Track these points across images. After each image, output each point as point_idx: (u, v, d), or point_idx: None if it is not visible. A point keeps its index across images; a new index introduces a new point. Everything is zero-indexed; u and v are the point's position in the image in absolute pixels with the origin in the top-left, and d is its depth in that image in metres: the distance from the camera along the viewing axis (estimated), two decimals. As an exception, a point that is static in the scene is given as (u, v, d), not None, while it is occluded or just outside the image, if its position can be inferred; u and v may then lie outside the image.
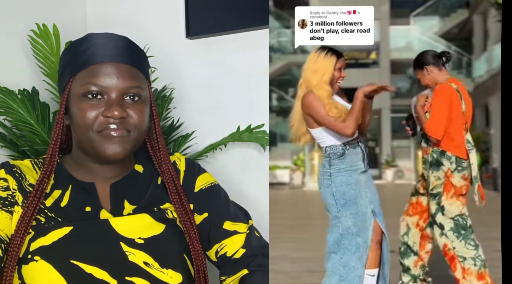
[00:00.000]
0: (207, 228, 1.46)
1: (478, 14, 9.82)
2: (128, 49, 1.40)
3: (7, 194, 1.34)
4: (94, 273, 1.27)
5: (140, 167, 1.50)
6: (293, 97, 6.42)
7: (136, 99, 1.37)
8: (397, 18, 10.87)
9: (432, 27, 10.98)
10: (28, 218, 1.31)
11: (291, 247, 2.96)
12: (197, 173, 1.53)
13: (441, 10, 10.88)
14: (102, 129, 1.33)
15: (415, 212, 2.03)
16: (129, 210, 1.40)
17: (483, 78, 9.19)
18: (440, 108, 1.91)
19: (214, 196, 1.51)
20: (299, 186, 9.58)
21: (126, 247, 1.31)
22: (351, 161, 1.77)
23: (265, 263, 1.43)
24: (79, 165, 1.44)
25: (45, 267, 1.27)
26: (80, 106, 1.34)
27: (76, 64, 1.37)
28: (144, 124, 1.39)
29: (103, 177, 1.43)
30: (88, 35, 1.41)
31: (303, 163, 9.78)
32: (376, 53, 9.89)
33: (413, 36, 11.06)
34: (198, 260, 1.41)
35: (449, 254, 1.92)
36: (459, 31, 10.74)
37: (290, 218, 4.36)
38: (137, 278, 1.29)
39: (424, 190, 2.02)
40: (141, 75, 1.40)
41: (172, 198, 1.43)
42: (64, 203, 1.37)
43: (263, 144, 2.01)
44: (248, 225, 1.49)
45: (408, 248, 2.03)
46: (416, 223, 2.03)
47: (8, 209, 1.32)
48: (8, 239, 1.30)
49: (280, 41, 9.57)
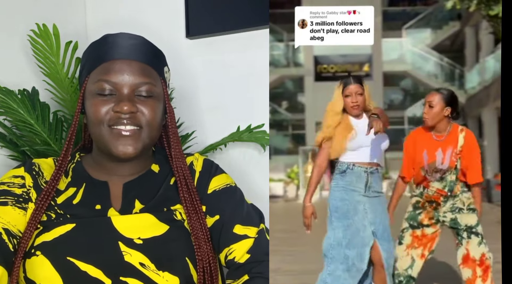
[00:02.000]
0: (218, 231, 1.45)
1: (470, 26, 9.89)
2: (141, 47, 1.43)
3: (22, 191, 1.38)
4: (89, 271, 1.27)
5: (156, 167, 1.51)
6: (287, 110, 6.49)
7: (148, 95, 1.39)
8: (389, 30, 10.94)
9: (424, 39, 11.05)
10: (38, 213, 1.33)
11: (285, 260, 2.96)
12: (213, 174, 1.53)
13: (433, 22, 10.94)
14: (113, 124, 1.35)
15: (420, 243, 2.02)
16: (138, 209, 1.40)
17: (476, 90, 9.25)
18: (479, 153, 1.98)
19: (228, 197, 1.50)
20: (293, 199, 9.56)
21: (123, 246, 1.31)
22: (351, 180, 1.88)
23: (266, 270, 1.42)
24: (97, 164, 1.47)
25: (44, 263, 1.28)
26: (93, 103, 1.37)
27: (91, 63, 1.41)
28: (156, 121, 1.41)
29: (118, 175, 1.45)
30: (105, 36, 1.45)
31: (297, 176, 9.79)
32: (369, 65, 9.93)
33: (405, 49, 11.12)
34: (203, 262, 1.39)
35: (485, 264, 1.93)
36: (451, 43, 10.81)
37: (284, 230, 4.34)
38: (131, 279, 1.29)
39: (429, 220, 2.00)
40: (154, 73, 1.43)
41: (182, 197, 1.43)
42: (76, 200, 1.39)
43: (263, 144, 2.02)
44: (259, 228, 1.47)
45: (412, 280, 2.03)
46: (421, 254, 2.02)
47: (22, 205, 1.36)
48: (20, 234, 1.33)
49: (273, 54, 9.62)
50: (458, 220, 1.95)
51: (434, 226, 1.99)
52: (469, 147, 1.95)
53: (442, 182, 1.96)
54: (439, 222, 1.98)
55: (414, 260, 2.00)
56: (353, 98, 1.89)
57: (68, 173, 1.46)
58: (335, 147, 1.90)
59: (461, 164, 1.95)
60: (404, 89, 11.18)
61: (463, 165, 1.95)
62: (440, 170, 1.96)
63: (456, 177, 1.96)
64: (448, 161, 1.94)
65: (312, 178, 1.91)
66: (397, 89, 11.06)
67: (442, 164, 1.95)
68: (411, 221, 2.01)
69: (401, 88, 11.21)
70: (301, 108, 10.67)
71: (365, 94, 1.91)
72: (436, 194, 1.97)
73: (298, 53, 10.69)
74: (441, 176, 1.96)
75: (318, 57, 10.66)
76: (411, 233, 2.02)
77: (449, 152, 1.95)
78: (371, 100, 1.96)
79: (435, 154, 1.96)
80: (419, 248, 2.00)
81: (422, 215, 2.00)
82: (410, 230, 2.02)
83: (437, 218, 1.98)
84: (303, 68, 10.56)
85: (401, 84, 11.14)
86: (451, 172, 1.95)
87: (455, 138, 1.95)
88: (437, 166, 1.96)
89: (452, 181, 1.95)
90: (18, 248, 1.31)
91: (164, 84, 1.47)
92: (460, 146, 1.94)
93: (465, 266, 1.95)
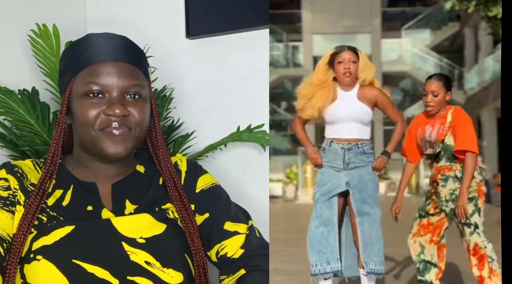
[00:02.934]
0: (208, 229, 1.48)
1: (469, 27, 9.93)
2: (127, 48, 1.43)
3: (8, 193, 1.36)
4: (96, 273, 1.28)
5: (141, 167, 1.52)
6: (286, 111, 6.50)
7: (136, 97, 1.40)
8: (389, 31, 11.01)
9: (424, 40, 11.12)
10: (31, 216, 1.32)
11: (284, 260, 2.95)
12: (199, 174, 1.55)
13: (432, 23, 11.01)
14: (104, 128, 1.35)
15: (427, 231, 2.06)
16: (131, 210, 1.41)
17: (475, 90, 9.29)
18: (470, 125, 2.00)
19: (215, 196, 1.53)
20: (292, 199, 9.59)
21: (127, 246, 1.32)
22: (329, 158, 1.98)
23: (263, 263, 1.44)
24: (80, 165, 1.46)
25: (47, 267, 1.28)
26: (82, 105, 1.36)
27: (76, 64, 1.40)
28: (145, 122, 1.42)
29: (105, 176, 1.45)
30: (87, 35, 1.44)
31: (296, 176, 9.81)
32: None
33: (404, 49, 11.20)
34: (198, 256, 1.42)
35: (479, 253, 1.95)
36: (450, 44, 10.86)
37: (283, 231, 4.36)
38: (139, 278, 1.30)
39: (435, 210, 2.05)
40: (141, 74, 1.43)
41: (172, 195, 1.45)
42: (65, 202, 1.39)
43: (263, 144, 2.02)
44: (248, 225, 1.50)
45: (427, 263, 2.06)
46: (430, 240, 2.06)
47: (10, 208, 1.34)
48: (10, 238, 1.32)
49: (272, 55, 9.63)
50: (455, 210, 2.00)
51: (439, 214, 2.04)
52: (457, 120, 1.99)
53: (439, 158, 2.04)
54: (443, 211, 2.03)
55: (424, 246, 2.06)
56: (346, 64, 1.92)
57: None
58: (307, 105, 1.97)
59: (453, 139, 2.00)
60: (404, 90, 11.23)
61: (454, 137, 2.00)
62: (430, 143, 2.03)
63: (444, 149, 2.01)
64: (436, 133, 2.00)
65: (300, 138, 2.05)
66: (396, 90, 11.09)
67: (430, 136, 2.02)
68: (421, 211, 2.08)
69: (400, 89, 11.25)
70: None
71: (358, 63, 1.94)
72: (435, 172, 2.04)
73: (297, 54, 10.72)
74: (432, 150, 2.03)
75: (318, 58, 10.71)
76: (418, 223, 2.08)
77: (436, 126, 2.02)
78: (376, 80, 2.00)
79: (425, 128, 2.03)
80: (427, 235, 2.06)
81: (430, 205, 2.06)
82: (418, 219, 2.08)
83: (440, 207, 2.02)
84: (302, 68, 10.62)
85: (400, 84, 11.19)
86: (438, 146, 2.01)
87: (445, 116, 2.01)
88: (426, 138, 2.03)
89: (442, 156, 2.02)
90: (10, 253, 1.30)
91: (149, 84, 1.48)
92: (448, 122, 2.00)
93: (468, 255, 1.99)
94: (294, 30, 10.72)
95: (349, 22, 10.85)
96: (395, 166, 8.52)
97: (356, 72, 1.93)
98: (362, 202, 1.96)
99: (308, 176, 9.38)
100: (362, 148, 1.97)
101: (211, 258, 1.50)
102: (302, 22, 10.77)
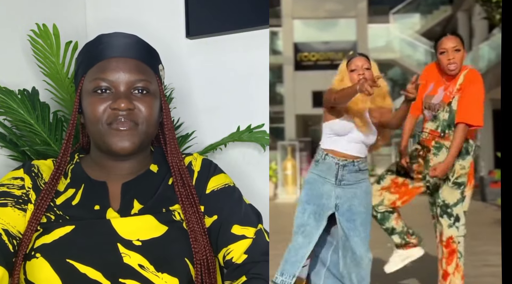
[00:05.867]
0: (216, 231, 1.55)
1: (463, 11, 9.91)
2: (135, 45, 1.57)
3: (21, 192, 1.49)
4: (88, 273, 1.36)
5: (155, 167, 1.62)
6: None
7: (144, 92, 1.52)
8: (376, 16, 10.86)
9: (414, 25, 11.07)
10: (38, 215, 1.44)
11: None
12: (212, 174, 1.64)
13: (423, 7, 10.96)
14: (111, 122, 1.47)
15: (397, 191, 2.13)
16: (136, 210, 1.50)
17: (469, 79, 9.35)
18: (481, 95, 2.00)
19: (226, 197, 1.60)
20: (271, 198, 9.52)
21: (122, 248, 1.40)
22: (322, 170, 2.08)
23: (264, 271, 1.48)
24: (95, 164, 1.59)
25: (43, 265, 1.38)
26: (91, 101, 1.49)
27: (86, 63, 1.55)
28: (153, 117, 1.53)
29: (117, 175, 1.57)
30: (98, 36, 1.59)
31: (275, 173, 9.63)
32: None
33: (393, 35, 11.12)
34: (198, 256, 1.47)
35: (451, 247, 2.01)
36: (442, 29, 10.75)
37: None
38: (130, 281, 1.38)
39: (416, 174, 2.11)
40: (149, 70, 1.56)
41: (177, 191, 1.54)
42: (75, 201, 1.50)
43: (263, 144, 2.14)
44: (257, 229, 1.55)
45: (385, 212, 2.13)
46: (393, 201, 2.13)
47: (22, 207, 1.46)
48: (20, 235, 1.43)
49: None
50: (440, 191, 2.05)
51: (419, 181, 2.11)
52: (466, 84, 2.01)
53: (436, 122, 2.09)
54: (424, 179, 2.09)
55: (383, 202, 2.14)
56: (359, 71, 2.02)
57: (68, 174, 1.57)
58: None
59: (457, 104, 2.03)
60: (392, 79, 11.15)
61: (458, 103, 2.03)
62: (434, 105, 2.08)
63: (449, 113, 2.04)
64: (442, 96, 2.05)
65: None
66: (384, 79, 11.02)
67: (436, 99, 2.08)
68: (400, 168, 2.15)
69: (389, 78, 11.27)
70: (280, 99, 10.68)
71: (372, 69, 2.02)
72: (429, 137, 2.10)
73: (276, 40, 10.67)
74: (434, 114, 2.08)
75: (298, 44, 10.65)
76: (393, 178, 2.16)
77: (443, 87, 2.06)
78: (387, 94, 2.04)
79: (437, 90, 2.08)
80: (394, 195, 2.14)
81: (414, 166, 2.13)
82: (394, 175, 2.17)
83: (424, 175, 2.09)
84: (282, 56, 10.56)
85: (389, 73, 11.10)
86: (444, 109, 2.05)
87: (458, 77, 2.04)
88: (433, 101, 2.08)
89: (444, 120, 2.05)
90: (18, 249, 1.41)
91: (159, 81, 1.60)
92: (458, 84, 2.03)
93: (439, 244, 2.07)
94: (273, 14, 10.69)
95: (332, 5, 10.71)
96: (383, 161, 8.65)
97: (372, 78, 1.90)
98: (347, 236, 2.03)
99: (289, 173, 9.38)
100: (358, 165, 2.05)
101: (219, 261, 1.56)
102: (281, 5, 10.56)
